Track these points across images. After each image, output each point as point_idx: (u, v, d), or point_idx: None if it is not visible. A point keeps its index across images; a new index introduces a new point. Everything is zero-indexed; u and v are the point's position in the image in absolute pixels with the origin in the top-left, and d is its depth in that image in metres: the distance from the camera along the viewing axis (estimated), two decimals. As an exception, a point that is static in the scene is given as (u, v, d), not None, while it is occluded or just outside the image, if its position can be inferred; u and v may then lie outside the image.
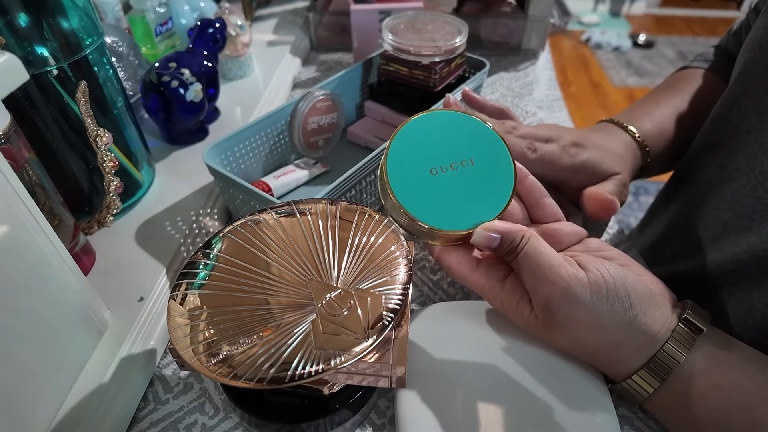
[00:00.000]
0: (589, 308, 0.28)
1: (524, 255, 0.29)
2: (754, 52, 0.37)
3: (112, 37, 0.57)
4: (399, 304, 0.27)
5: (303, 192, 0.53)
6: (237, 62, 0.69)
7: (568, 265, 0.29)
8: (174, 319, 0.26)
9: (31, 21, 0.35)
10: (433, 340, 0.34)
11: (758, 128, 0.35)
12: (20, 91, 0.36)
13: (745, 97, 0.37)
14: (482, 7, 0.80)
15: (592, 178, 0.40)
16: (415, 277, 0.43)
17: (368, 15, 0.69)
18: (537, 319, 0.30)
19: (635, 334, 0.29)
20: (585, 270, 0.29)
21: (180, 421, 0.34)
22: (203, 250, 0.30)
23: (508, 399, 0.31)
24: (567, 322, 0.29)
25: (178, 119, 0.55)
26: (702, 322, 0.29)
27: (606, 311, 0.28)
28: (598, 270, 0.29)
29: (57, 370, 0.32)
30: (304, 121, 0.52)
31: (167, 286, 0.41)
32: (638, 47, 2.82)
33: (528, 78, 0.74)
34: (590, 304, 0.28)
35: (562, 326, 0.29)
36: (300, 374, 0.23)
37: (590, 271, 0.29)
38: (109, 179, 0.41)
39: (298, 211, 0.32)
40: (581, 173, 0.40)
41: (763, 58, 0.36)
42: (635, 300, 0.29)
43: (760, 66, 0.36)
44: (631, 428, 0.33)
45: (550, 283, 0.28)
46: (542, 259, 0.29)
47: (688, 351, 0.28)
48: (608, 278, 0.29)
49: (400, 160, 0.31)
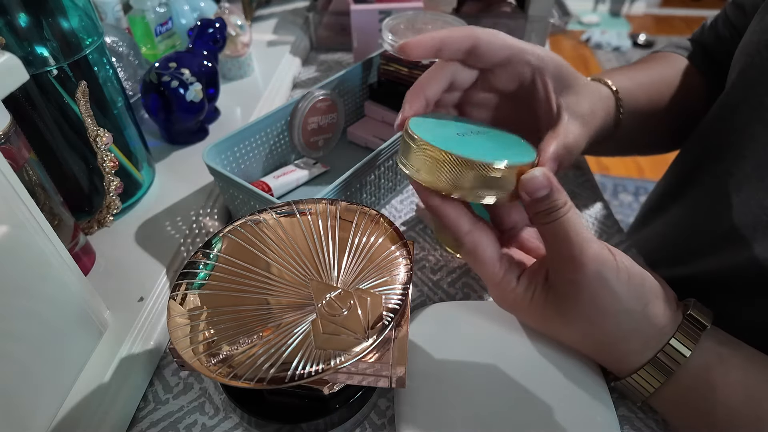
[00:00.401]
0: (613, 291, 0.28)
1: (565, 222, 0.27)
2: (752, 56, 0.37)
3: (112, 37, 0.57)
4: (399, 304, 0.27)
5: (303, 192, 0.53)
6: (237, 62, 0.69)
7: (599, 245, 0.28)
8: (174, 319, 0.26)
9: (31, 21, 0.35)
10: (432, 340, 0.34)
11: (763, 135, 0.35)
12: (20, 91, 0.36)
13: (746, 103, 0.37)
14: (482, 7, 0.80)
15: (545, 83, 0.34)
16: (415, 277, 0.43)
17: (368, 15, 0.69)
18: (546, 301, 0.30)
19: (644, 325, 0.29)
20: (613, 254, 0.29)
21: (180, 421, 0.34)
22: (203, 250, 0.30)
23: (507, 399, 0.31)
24: (588, 303, 0.28)
25: (178, 119, 0.55)
26: (706, 318, 0.29)
27: (625, 298, 0.28)
28: (619, 256, 0.29)
29: (57, 370, 0.32)
30: (304, 121, 0.52)
31: (167, 286, 0.41)
32: (638, 47, 2.82)
33: (528, 78, 0.74)
34: (615, 287, 0.28)
35: (578, 312, 0.29)
36: (300, 374, 0.23)
37: (616, 255, 0.29)
38: (109, 179, 0.41)
39: (298, 211, 0.32)
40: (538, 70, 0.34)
41: (760, 62, 0.36)
42: (647, 290, 0.29)
43: (758, 70, 0.36)
44: (631, 428, 0.33)
45: (586, 258, 0.27)
46: (579, 231, 0.27)
47: (693, 346, 0.29)
48: (629, 265, 0.29)
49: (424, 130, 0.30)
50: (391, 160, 0.47)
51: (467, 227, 0.30)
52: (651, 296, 0.29)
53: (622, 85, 0.42)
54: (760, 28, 0.37)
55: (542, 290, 0.30)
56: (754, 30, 0.38)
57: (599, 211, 0.51)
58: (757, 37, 0.37)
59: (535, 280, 0.31)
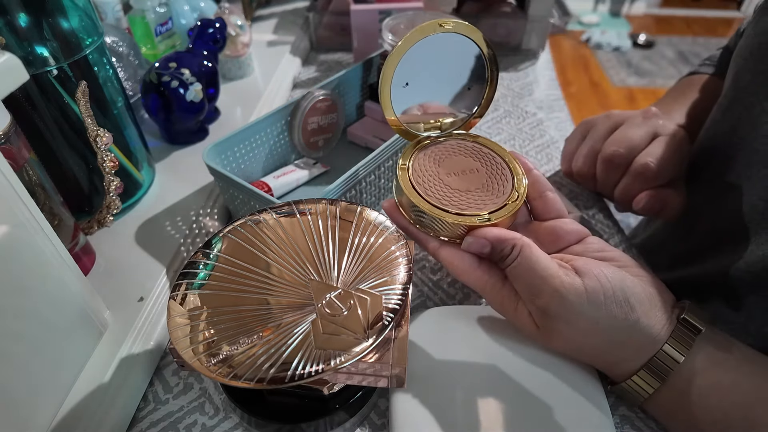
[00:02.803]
0: (586, 316, 0.28)
1: (517, 265, 0.29)
2: (745, 59, 0.37)
3: (112, 37, 0.57)
4: (399, 304, 0.27)
5: (303, 192, 0.53)
6: (237, 62, 0.69)
7: (563, 274, 0.28)
8: (174, 319, 0.26)
9: (31, 21, 0.35)
10: (429, 343, 0.34)
11: (753, 137, 0.35)
12: (20, 91, 0.36)
13: (738, 104, 0.37)
14: (482, 7, 0.80)
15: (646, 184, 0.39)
16: (415, 277, 0.43)
17: (368, 15, 0.69)
18: (535, 323, 0.30)
19: (636, 335, 0.29)
20: (582, 276, 0.28)
21: (180, 421, 0.34)
22: (203, 250, 0.30)
23: (504, 402, 0.31)
24: (565, 329, 0.29)
25: (178, 119, 0.55)
26: (700, 322, 0.29)
27: (604, 317, 0.28)
28: (595, 275, 0.28)
29: (57, 370, 0.32)
30: (304, 121, 0.52)
31: (167, 286, 0.41)
32: (638, 47, 2.82)
33: (528, 78, 0.74)
34: (587, 312, 0.28)
35: (561, 333, 0.29)
36: (300, 374, 0.23)
37: (587, 277, 0.28)
38: (109, 179, 0.41)
39: (298, 211, 0.32)
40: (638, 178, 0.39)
41: (753, 66, 0.36)
42: (635, 303, 0.29)
43: (752, 73, 0.36)
44: (631, 428, 0.33)
45: (545, 295, 0.28)
46: (536, 269, 0.28)
47: (687, 351, 0.28)
48: (606, 283, 0.28)
49: None
50: (391, 161, 0.47)
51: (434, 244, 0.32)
52: (641, 308, 0.29)
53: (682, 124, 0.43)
54: (755, 31, 0.37)
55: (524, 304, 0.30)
56: (749, 33, 0.38)
57: (599, 211, 0.50)
58: (750, 40, 0.37)
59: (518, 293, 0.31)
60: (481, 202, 0.32)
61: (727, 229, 0.37)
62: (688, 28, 3.07)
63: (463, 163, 0.35)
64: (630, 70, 2.63)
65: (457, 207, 0.32)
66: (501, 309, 0.32)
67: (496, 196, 0.33)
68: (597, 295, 0.28)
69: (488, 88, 0.36)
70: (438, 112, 0.38)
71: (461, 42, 0.34)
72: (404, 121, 0.36)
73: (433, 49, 0.34)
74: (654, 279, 0.31)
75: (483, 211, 0.32)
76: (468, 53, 0.35)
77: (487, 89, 0.36)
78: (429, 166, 0.34)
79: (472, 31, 0.34)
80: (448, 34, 0.34)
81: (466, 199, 0.32)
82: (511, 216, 0.32)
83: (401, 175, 0.33)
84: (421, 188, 0.33)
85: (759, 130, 0.35)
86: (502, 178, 0.34)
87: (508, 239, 0.29)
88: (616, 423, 0.33)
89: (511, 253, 0.29)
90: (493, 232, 0.30)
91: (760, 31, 0.36)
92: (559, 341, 0.30)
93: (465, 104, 0.38)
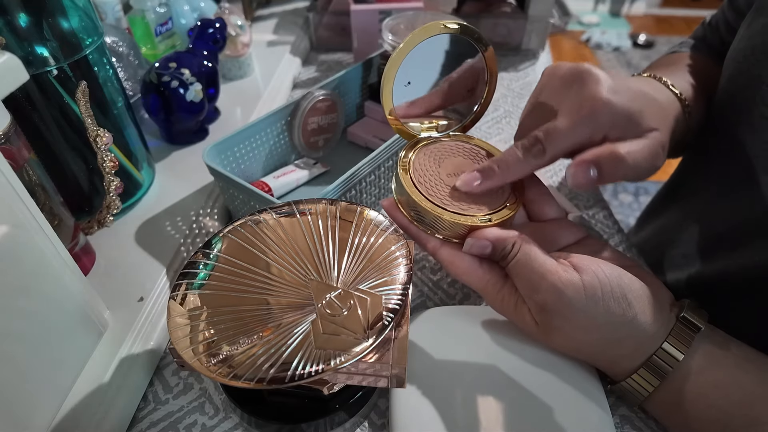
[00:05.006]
0: (584, 311, 0.28)
1: (516, 263, 0.30)
2: (739, 62, 0.37)
3: (112, 37, 0.57)
4: (399, 304, 0.27)
5: (303, 192, 0.53)
6: (237, 62, 0.69)
7: (561, 270, 0.28)
8: (174, 319, 0.26)
9: (31, 21, 0.35)
10: (428, 343, 0.34)
11: (750, 139, 0.35)
12: (20, 91, 0.36)
13: (734, 108, 0.37)
14: (482, 7, 0.80)
15: (624, 133, 0.30)
16: (415, 277, 0.43)
17: (368, 15, 0.69)
18: (535, 321, 0.30)
19: (634, 332, 0.29)
20: (580, 272, 0.29)
21: (180, 421, 0.34)
22: (203, 250, 0.30)
23: (504, 402, 0.31)
24: (563, 325, 0.29)
25: (178, 119, 0.55)
26: (700, 320, 0.29)
27: (602, 313, 0.28)
28: (593, 271, 0.28)
29: (57, 370, 0.32)
30: (304, 121, 0.52)
31: (167, 286, 0.41)
32: (638, 47, 2.82)
33: (528, 78, 0.74)
34: (585, 308, 0.28)
35: (560, 329, 0.29)
36: (300, 374, 0.23)
37: (585, 273, 0.28)
38: (109, 179, 0.41)
39: (298, 211, 0.32)
40: (613, 129, 0.30)
41: (747, 69, 0.36)
42: (633, 300, 0.29)
43: (746, 76, 0.36)
44: (631, 428, 0.33)
45: (543, 290, 0.28)
46: (535, 265, 0.29)
47: (686, 349, 0.29)
48: (603, 279, 0.28)
49: None
50: (391, 161, 0.47)
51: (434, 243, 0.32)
52: (640, 305, 0.29)
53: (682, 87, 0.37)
54: (748, 34, 0.37)
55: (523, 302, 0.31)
56: (742, 36, 0.38)
57: (599, 211, 0.51)
58: (744, 43, 0.37)
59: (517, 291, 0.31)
60: (480, 202, 0.32)
61: (725, 234, 0.37)
62: (688, 28, 3.07)
63: (462, 163, 0.35)
64: (630, 70, 2.63)
65: (458, 207, 0.32)
66: (501, 308, 0.32)
67: (496, 196, 0.33)
68: (594, 290, 0.28)
69: (487, 88, 0.36)
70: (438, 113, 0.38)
71: (462, 42, 0.34)
72: (405, 120, 0.36)
73: (434, 49, 0.34)
74: (652, 278, 0.31)
75: (482, 211, 0.32)
76: (468, 53, 0.35)
77: (487, 89, 0.36)
78: (430, 165, 0.34)
79: (473, 31, 0.34)
80: (449, 35, 0.34)
81: (466, 199, 0.32)
82: (510, 217, 0.32)
83: (402, 173, 0.33)
84: (423, 187, 0.33)
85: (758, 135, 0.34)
86: None
87: (508, 238, 0.30)
88: (616, 423, 0.33)
89: (512, 250, 0.30)
90: (493, 233, 0.30)
91: (754, 34, 0.36)
92: (558, 338, 0.30)
93: (465, 104, 0.38)
